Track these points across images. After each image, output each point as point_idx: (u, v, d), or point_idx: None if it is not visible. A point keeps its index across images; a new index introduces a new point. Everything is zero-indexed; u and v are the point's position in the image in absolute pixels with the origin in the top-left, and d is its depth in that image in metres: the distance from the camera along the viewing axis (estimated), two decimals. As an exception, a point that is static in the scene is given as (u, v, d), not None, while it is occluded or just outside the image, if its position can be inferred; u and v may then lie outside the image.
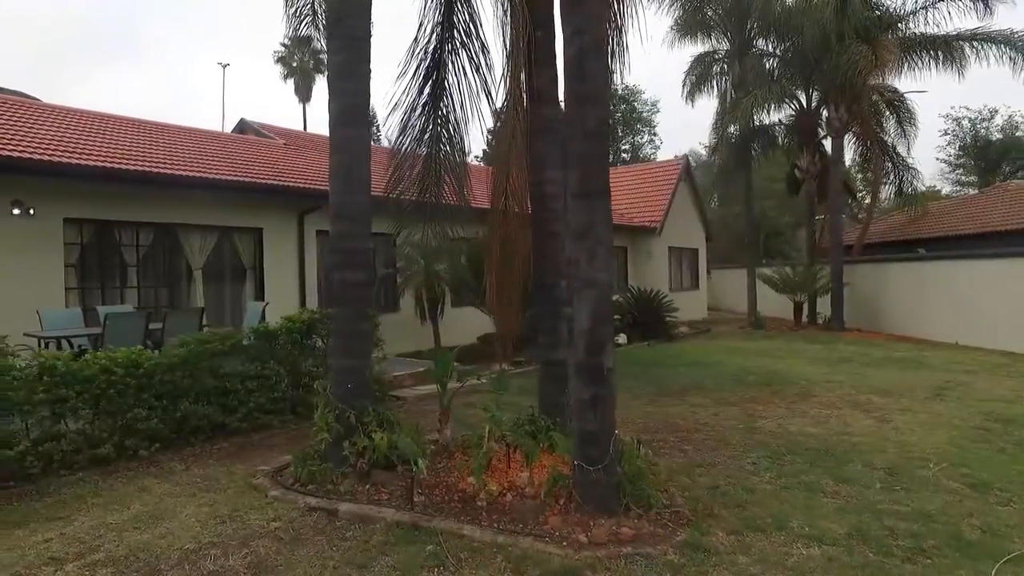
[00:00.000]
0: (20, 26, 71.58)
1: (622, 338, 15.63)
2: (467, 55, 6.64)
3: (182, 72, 78.18)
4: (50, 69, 70.94)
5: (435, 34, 6.60)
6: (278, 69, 39.12)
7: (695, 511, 4.74)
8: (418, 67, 6.60)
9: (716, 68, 19.81)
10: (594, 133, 4.81)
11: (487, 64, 6.72)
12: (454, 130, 6.82)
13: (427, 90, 6.69)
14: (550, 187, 6.65)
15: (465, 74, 6.63)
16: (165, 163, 10.85)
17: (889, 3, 17.07)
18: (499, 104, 6.93)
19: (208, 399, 6.70)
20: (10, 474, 5.45)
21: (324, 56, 38.80)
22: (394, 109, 6.48)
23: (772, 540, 4.29)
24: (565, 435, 5.99)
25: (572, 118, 4.87)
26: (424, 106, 6.72)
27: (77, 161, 9.45)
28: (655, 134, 46.13)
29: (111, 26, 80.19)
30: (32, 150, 9.18)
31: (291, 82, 38.91)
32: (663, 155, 45.19)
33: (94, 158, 9.86)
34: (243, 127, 16.36)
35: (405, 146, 6.90)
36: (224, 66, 38.74)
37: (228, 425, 6.85)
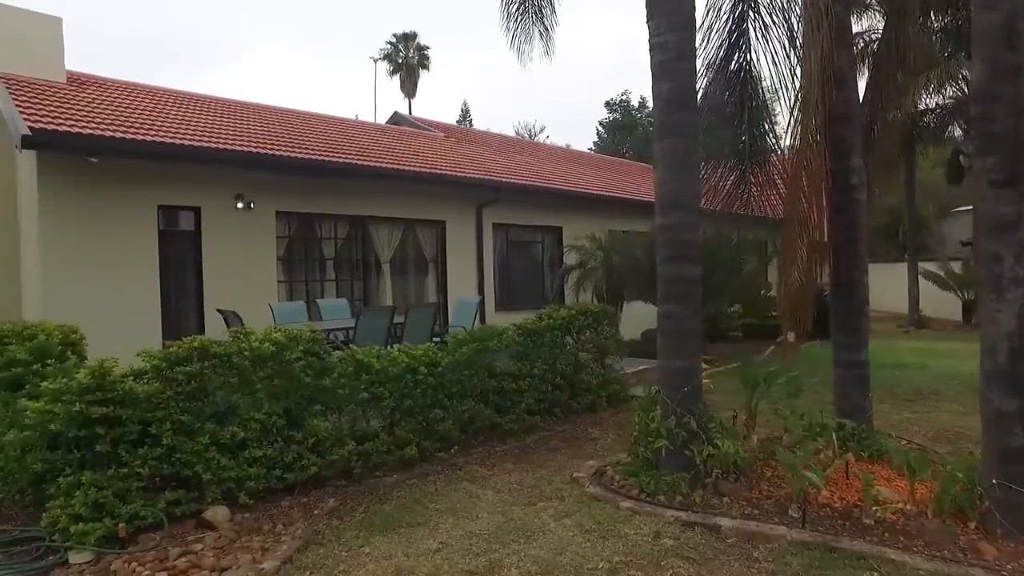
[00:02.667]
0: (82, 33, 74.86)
1: (792, 336, 14.83)
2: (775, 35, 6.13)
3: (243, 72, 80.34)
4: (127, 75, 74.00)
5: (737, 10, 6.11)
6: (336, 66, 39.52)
7: None
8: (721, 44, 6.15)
9: (868, 49, 18.55)
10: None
11: (790, 41, 6.18)
12: (757, 114, 6.32)
13: (731, 67, 6.22)
14: (854, 176, 6.09)
15: (775, 55, 6.11)
16: (359, 155, 10.78)
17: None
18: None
19: (486, 399, 6.44)
20: (341, 473, 5.30)
21: (428, 51, 39.05)
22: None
23: None
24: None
25: (996, 95, 4.28)
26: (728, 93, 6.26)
27: (290, 153, 9.44)
28: (775, 122, 43.88)
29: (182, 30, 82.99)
30: (244, 143, 9.17)
31: (396, 78, 39.22)
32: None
33: (299, 150, 9.83)
34: (396, 120, 16.33)
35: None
36: (376, 60, 39.41)
37: (502, 426, 6.58)
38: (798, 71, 6.20)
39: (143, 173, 8.41)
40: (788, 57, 6.17)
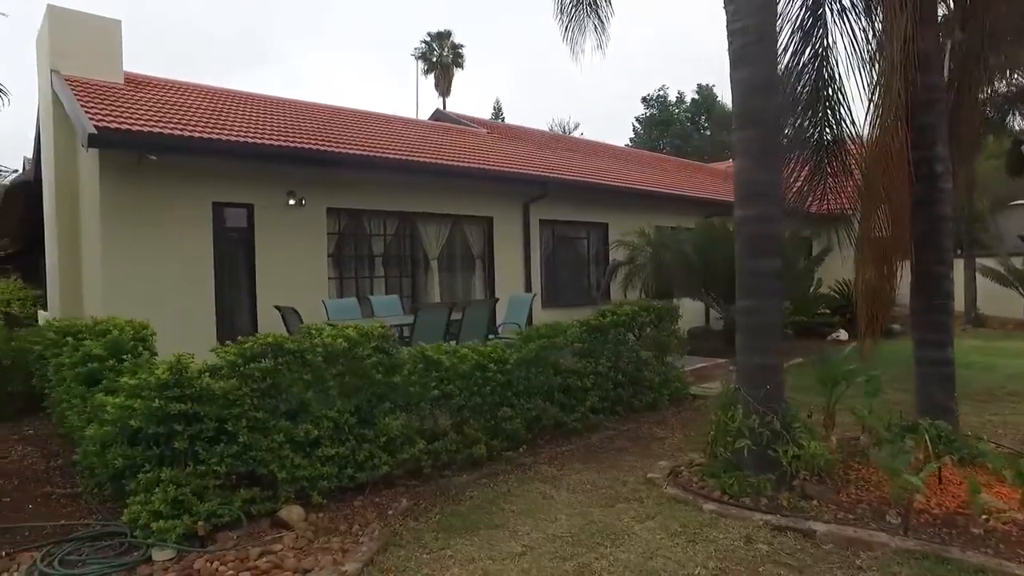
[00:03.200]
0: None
1: (843, 334, 14.44)
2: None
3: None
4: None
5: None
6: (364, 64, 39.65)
7: None
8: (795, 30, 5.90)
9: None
10: None
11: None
12: (834, 102, 6.03)
13: (807, 53, 5.96)
14: (939, 165, 5.79)
15: (854, 36, 5.83)
16: (408, 151, 10.71)
17: None
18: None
19: (551, 397, 6.29)
20: (410, 473, 5.20)
21: (463, 50, 38.99)
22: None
23: None
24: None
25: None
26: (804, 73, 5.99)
27: (342, 149, 9.40)
28: None
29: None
30: (295, 140, 9.14)
31: (431, 77, 39.33)
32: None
33: (350, 146, 9.79)
34: (439, 117, 16.28)
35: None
36: (417, 58, 39.64)
37: (567, 425, 6.43)
38: (878, 56, 5.93)
39: (198, 170, 8.44)
40: (867, 41, 5.87)
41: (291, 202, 9.25)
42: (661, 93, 43.16)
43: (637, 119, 43.56)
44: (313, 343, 4.62)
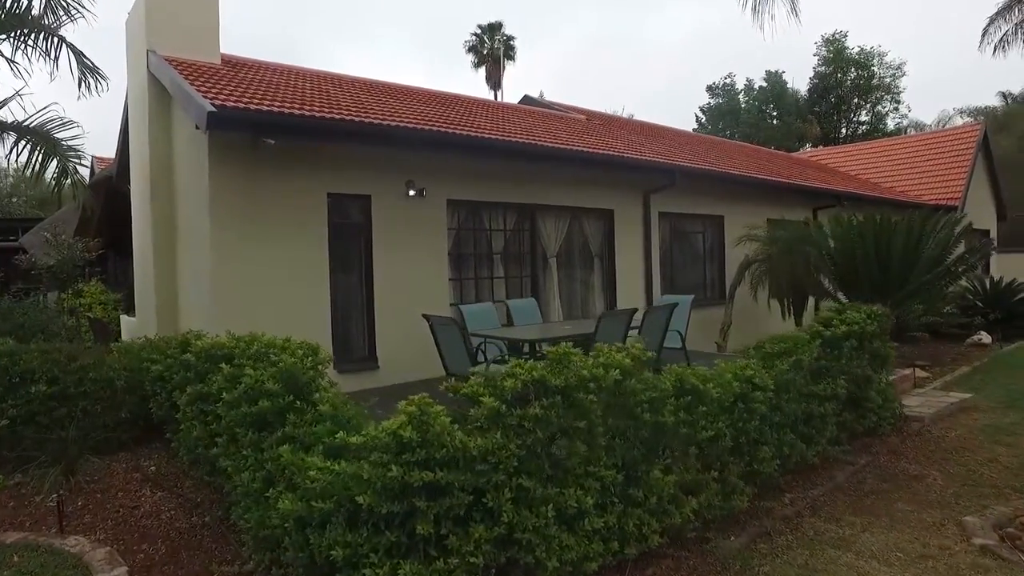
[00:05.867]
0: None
1: (985, 337, 12.92)
2: None
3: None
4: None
5: None
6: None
7: None
8: None
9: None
10: None
11: None
12: None
13: None
14: None
15: None
16: (527, 135, 9.48)
17: None
18: None
19: (794, 428, 5.03)
20: (672, 539, 3.96)
21: (514, 42, 37.56)
22: None
23: None
24: None
25: None
26: None
27: (464, 132, 8.19)
28: (899, 101, 40.05)
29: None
30: (413, 122, 7.93)
31: (481, 71, 38.00)
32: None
33: (467, 129, 8.58)
34: (528, 102, 14.99)
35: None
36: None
37: (806, 460, 5.17)
38: None
39: (312, 157, 7.32)
40: None
41: (411, 193, 8.08)
42: (728, 81, 41.42)
43: (701, 109, 41.85)
44: (581, 376, 3.40)
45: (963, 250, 11.44)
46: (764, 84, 40.49)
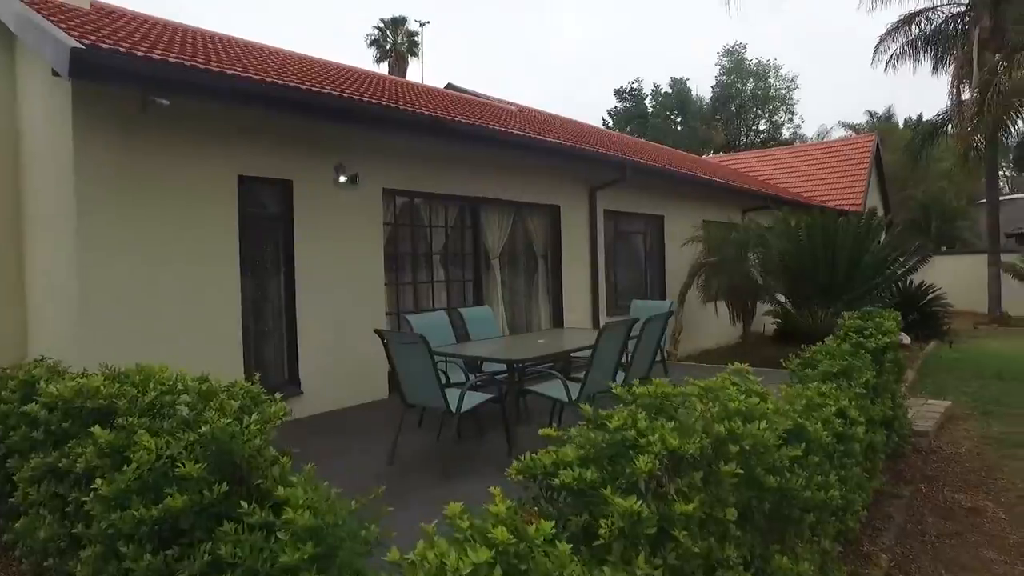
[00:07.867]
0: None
1: (906, 338, 13.12)
2: None
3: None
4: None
5: None
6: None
7: None
8: None
9: (951, 26, 17.21)
10: None
11: None
12: None
13: None
14: None
15: None
16: (478, 119, 8.24)
17: None
18: None
19: (859, 460, 4.15)
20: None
21: (418, 38, 35.75)
22: None
23: None
24: None
25: None
26: None
27: (410, 109, 6.84)
28: (793, 112, 42.23)
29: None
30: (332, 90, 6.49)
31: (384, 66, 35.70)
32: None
33: (417, 106, 7.25)
34: (452, 90, 13.66)
35: None
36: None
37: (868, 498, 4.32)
38: None
39: (220, 130, 5.75)
40: None
41: (341, 179, 6.64)
42: (635, 86, 41.90)
43: (609, 112, 41.99)
44: (732, 428, 2.24)
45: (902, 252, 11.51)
46: (669, 90, 41.43)
